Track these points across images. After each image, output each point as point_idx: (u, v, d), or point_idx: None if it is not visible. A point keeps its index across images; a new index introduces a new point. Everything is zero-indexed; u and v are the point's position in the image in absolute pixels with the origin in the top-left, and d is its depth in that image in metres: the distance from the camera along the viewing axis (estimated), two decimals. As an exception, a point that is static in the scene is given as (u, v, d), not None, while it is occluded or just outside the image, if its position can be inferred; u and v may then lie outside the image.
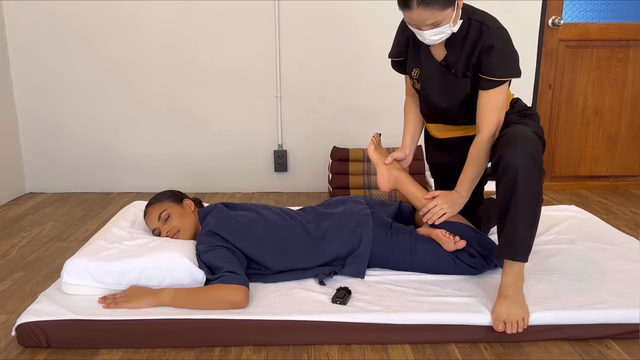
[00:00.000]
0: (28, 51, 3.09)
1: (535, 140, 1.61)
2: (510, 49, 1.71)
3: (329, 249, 1.86)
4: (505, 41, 1.70)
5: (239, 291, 1.61)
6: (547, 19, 3.14)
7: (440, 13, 1.60)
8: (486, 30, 1.69)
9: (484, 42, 1.69)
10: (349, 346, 1.57)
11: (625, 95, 3.26)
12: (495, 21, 1.73)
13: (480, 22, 1.71)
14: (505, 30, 1.72)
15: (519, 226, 1.56)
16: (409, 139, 2.03)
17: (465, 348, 1.56)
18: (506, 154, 1.57)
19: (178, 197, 2.01)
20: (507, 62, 1.70)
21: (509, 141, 1.61)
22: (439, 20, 1.62)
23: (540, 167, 1.57)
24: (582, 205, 2.95)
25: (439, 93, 1.84)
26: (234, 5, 3.04)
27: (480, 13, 1.74)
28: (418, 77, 1.87)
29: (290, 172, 3.31)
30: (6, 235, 2.51)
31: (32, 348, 1.55)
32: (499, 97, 1.73)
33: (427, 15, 1.59)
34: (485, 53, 1.69)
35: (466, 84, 1.77)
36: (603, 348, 1.55)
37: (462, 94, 1.79)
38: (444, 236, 1.80)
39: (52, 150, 3.23)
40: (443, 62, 1.79)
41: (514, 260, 1.58)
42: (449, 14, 1.62)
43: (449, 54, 1.77)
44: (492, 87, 1.71)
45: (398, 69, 2.00)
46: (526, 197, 1.55)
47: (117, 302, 1.61)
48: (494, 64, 1.69)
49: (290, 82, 3.16)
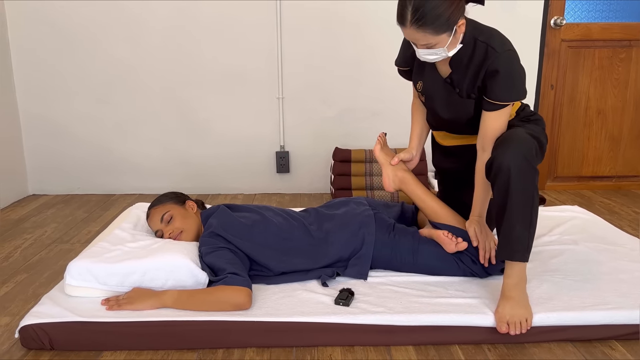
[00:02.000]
0: (30, 53, 3.09)
1: (528, 141, 1.60)
2: (515, 72, 1.67)
3: (331, 250, 1.85)
4: (510, 65, 1.65)
5: (241, 293, 1.60)
6: (549, 19, 3.14)
7: (432, 37, 1.57)
8: (492, 53, 1.64)
9: (489, 66, 1.65)
10: (352, 348, 1.56)
11: (627, 95, 3.26)
12: (503, 43, 1.66)
13: (487, 43, 1.66)
14: (513, 52, 1.66)
15: (515, 226, 1.55)
16: (416, 140, 2.03)
17: (468, 349, 1.56)
18: (498, 156, 1.57)
19: (180, 198, 2.01)
20: (511, 86, 1.67)
21: (501, 143, 1.61)
22: (431, 43, 1.60)
23: (533, 167, 1.57)
24: (585, 205, 2.95)
25: (443, 108, 1.83)
26: (236, 6, 3.04)
27: (488, 33, 1.69)
28: (422, 90, 1.86)
29: (292, 173, 3.31)
30: (9, 237, 2.52)
31: (36, 350, 1.55)
32: (502, 118, 1.71)
33: (420, 36, 1.57)
34: (490, 77, 1.66)
35: (470, 105, 1.76)
36: (607, 349, 1.55)
37: (466, 112, 1.78)
38: (445, 237, 1.80)
39: (55, 152, 3.23)
40: (448, 79, 1.78)
41: (512, 260, 1.57)
42: (444, 39, 1.59)
43: (453, 72, 1.75)
44: (495, 109, 1.69)
45: (405, 76, 1.99)
46: (520, 198, 1.54)
47: (120, 304, 1.61)
48: (497, 88, 1.66)
49: (292, 83, 3.16)
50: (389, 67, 2.06)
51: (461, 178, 1.90)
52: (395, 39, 2.04)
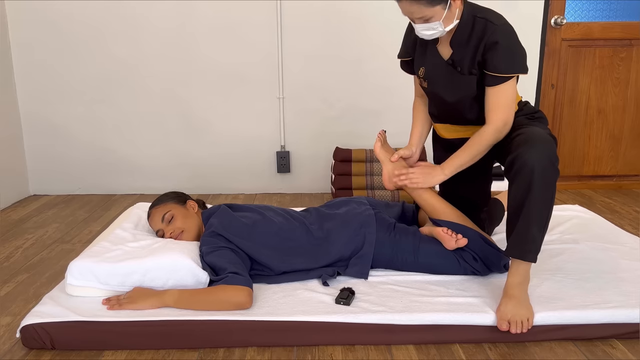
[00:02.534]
0: (31, 54, 3.10)
1: (551, 143, 1.61)
2: (515, 44, 1.70)
3: (332, 249, 1.86)
4: (510, 37, 1.69)
5: (242, 292, 1.61)
6: (550, 18, 3.14)
7: (427, 9, 1.62)
8: (490, 26, 1.69)
9: (488, 38, 1.68)
10: (353, 347, 1.57)
11: (628, 94, 3.25)
12: (500, 17, 1.72)
13: (485, 18, 1.71)
14: (510, 26, 1.71)
15: (531, 226, 1.55)
16: (416, 137, 2.03)
17: (469, 348, 1.56)
18: (523, 154, 1.56)
19: (181, 198, 2.01)
20: (512, 58, 1.69)
21: (525, 141, 1.60)
22: (427, 16, 1.64)
23: (556, 168, 1.57)
24: (586, 204, 2.95)
25: (446, 90, 1.83)
26: (236, 6, 3.04)
27: (485, 10, 1.74)
28: (424, 75, 1.87)
29: (293, 173, 3.31)
30: (10, 238, 2.52)
31: (37, 350, 1.55)
32: (506, 93, 1.72)
33: (415, 8, 1.63)
34: (489, 49, 1.69)
35: (472, 82, 1.77)
36: (608, 348, 1.55)
37: (469, 91, 1.79)
38: (445, 234, 1.80)
39: (56, 153, 3.24)
40: (450, 60, 1.79)
41: (523, 259, 1.57)
42: (439, 11, 1.63)
43: (455, 53, 1.77)
44: (497, 83, 1.70)
45: (407, 69, 2.00)
46: (541, 198, 1.54)
47: (121, 303, 1.62)
48: (497, 60, 1.68)
49: (292, 83, 3.16)
50: (389, 67, 2.06)
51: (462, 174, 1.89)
52: (396, 39, 2.04)
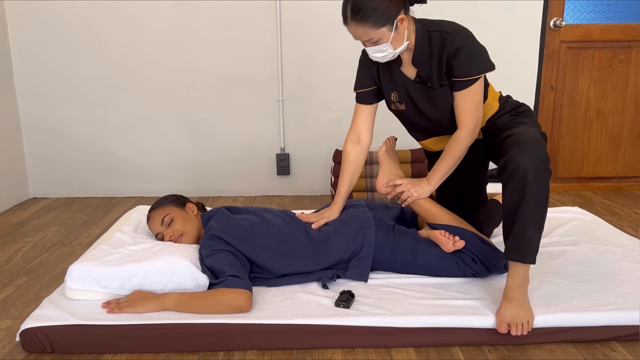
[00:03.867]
0: (31, 56, 3.10)
1: (542, 142, 1.61)
2: (475, 46, 1.72)
3: (331, 252, 1.85)
4: (469, 40, 1.71)
5: (242, 295, 1.60)
6: (549, 20, 3.14)
7: (373, 31, 1.65)
8: (447, 36, 1.71)
9: (449, 48, 1.70)
10: (353, 350, 1.56)
11: (627, 96, 3.26)
12: (455, 25, 1.74)
13: (440, 31, 1.73)
14: (467, 31, 1.73)
15: (527, 228, 1.55)
16: (344, 193, 2.00)
17: (469, 351, 1.56)
18: (514, 156, 1.56)
19: (181, 201, 2.01)
20: (475, 59, 1.72)
21: (516, 143, 1.60)
22: (374, 38, 1.67)
23: (548, 168, 1.57)
24: (586, 206, 2.95)
25: (426, 105, 1.85)
26: (236, 8, 3.05)
27: (437, 24, 1.76)
28: (399, 99, 1.88)
29: (292, 175, 3.31)
30: (10, 241, 2.52)
31: (37, 353, 1.55)
32: (475, 95, 1.74)
33: (361, 32, 1.66)
34: (452, 57, 1.71)
35: (446, 92, 1.79)
36: (608, 350, 1.55)
37: (447, 101, 1.80)
38: (442, 236, 1.80)
39: (55, 155, 3.24)
40: (417, 78, 1.81)
41: (522, 262, 1.57)
42: (385, 33, 1.66)
43: (419, 70, 1.80)
44: (466, 86, 1.73)
45: (365, 101, 1.98)
46: (535, 200, 1.54)
47: (120, 307, 1.61)
48: (463, 65, 1.71)
49: (292, 85, 3.16)
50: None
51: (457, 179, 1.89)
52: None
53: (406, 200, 1.91)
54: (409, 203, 1.91)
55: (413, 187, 1.89)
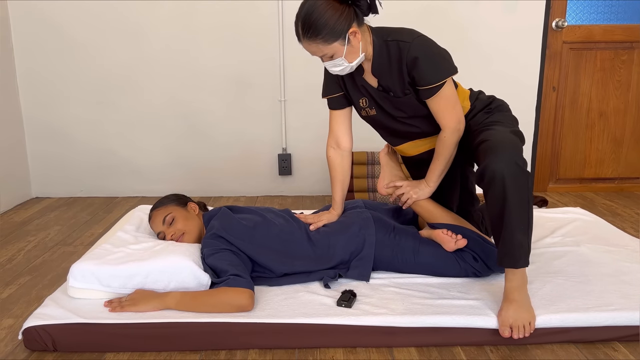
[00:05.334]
0: (33, 57, 3.11)
1: (515, 143, 1.61)
2: (433, 51, 1.70)
3: (332, 252, 1.85)
4: (426, 47, 1.69)
5: (244, 294, 1.61)
6: (551, 21, 3.14)
7: (325, 47, 1.64)
8: (404, 45, 1.68)
9: (406, 57, 1.68)
10: (355, 349, 1.56)
11: (629, 97, 3.25)
12: (412, 33, 1.71)
13: (396, 40, 1.70)
14: (424, 37, 1.70)
15: (515, 233, 1.54)
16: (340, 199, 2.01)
17: (471, 351, 1.56)
18: (490, 164, 1.55)
19: (182, 200, 2.02)
20: (436, 66, 1.69)
21: (490, 150, 1.58)
22: (327, 54, 1.67)
23: (525, 171, 1.56)
24: (588, 207, 2.95)
25: (395, 110, 1.83)
26: (238, 8, 3.05)
27: (394, 32, 1.73)
28: (369, 104, 1.87)
29: (294, 175, 3.31)
30: (12, 240, 2.52)
31: (39, 352, 1.56)
32: (447, 97, 1.72)
33: (314, 48, 1.66)
34: (412, 67, 1.69)
35: (411, 100, 1.77)
36: (610, 350, 1.55)
37: (413, 107, 1.79)
38: (445, 235, 1.80)
39: (58, 155, 3.24)
40: (379, 87, 1.80)
41: (515, 267, 1.56)
42: (338, 48, 1.65)
43: (380, 80, 1.78)
44: (433, 93, 1.71)
45: (336, 106, 1.98)
46: (517, 205, 1.53)
47: (122, 305, 1.62)
48: (424, 73, 1.68)
49: (294, 85, 3.17)
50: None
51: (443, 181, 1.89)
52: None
53: (406, 202, 1.92)
54: (409, 205, 1.92)
55: (412, 189, 1.90)
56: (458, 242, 1.78)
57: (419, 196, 1.89)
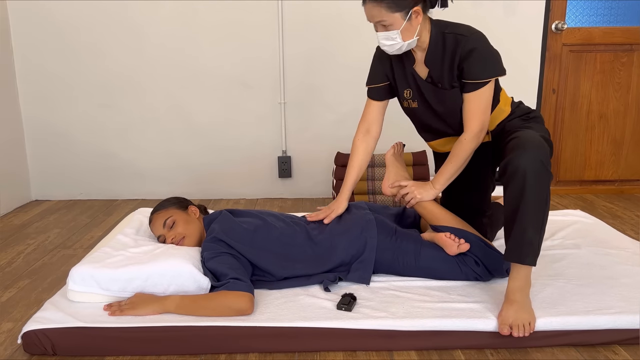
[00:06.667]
0: (33, 59, 3.11)
1: (543, 145, 1.62)
2: (489, 49, 1.75)
3: (333, 255, 1.85)
4: (482, 43, 1.74)
5: (244, 298, 1.60)
6: (551, 23, 3.14)
7: (387, 14, 1.68)
8: (462, 38, 1.73)
9: (462, 49, 1.72)
10: (355, 353, 1.56)
11: (629, 99, 3.25)
12: (470, 28, 1.76)
13: (455, 33, 1.75)
14: (481, 34, 1.75)
15: (527, 229, 1.55)
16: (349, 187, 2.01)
17: (471, 354, 1.55)
18: (514, 158, 1.57)
19: (183, 203, 2.02)
20: (487, 63, 1.74)
21: (517, 146, 1.61)
22: (386, 21, 1.69)
23: (548, 171, 1.57)
24: (588, 209, 2.94)
25: (437, 105, 1.86)
26: (238, 11, 3.06)
27: (453, 25, 1.78)
28: (412, 96, 1.90)
29: (294, 178, 3.31)
30: (12, 243, 2.52)
31: (38, 356, 1.55)
32: (484, 99, 1.76)
33: (376, 12, 1.69)
34: (465, 59, 1.73)
35: (456, 94, 1.80)
36: (610, 353, 1.55)
37: (457, 103, 1.82)
38: (447, 239, 1.79)
39: (58, 158, 3.24)
40: (428, 78, 1.83)
41: (522, 263, 1.57)
42: (398, 19, 1.68)
43: (431, 70, 1.82)
44: (476, 89, 1.75)
45: (376, 97, 2.00)
46: (535, 201, 1.54)
47: (122, 309, 1.61)
48: (475, 67, 1.73)
49: (294, 88, 3.17)
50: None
51: (464, 181, 1.90)
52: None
53: (410, 202, 1.92)
54: (412, 205, 1.92)
55: (417, 189, 1.90)
56: (461, 246, 1.78)
57: (423, 197, 1.89)
